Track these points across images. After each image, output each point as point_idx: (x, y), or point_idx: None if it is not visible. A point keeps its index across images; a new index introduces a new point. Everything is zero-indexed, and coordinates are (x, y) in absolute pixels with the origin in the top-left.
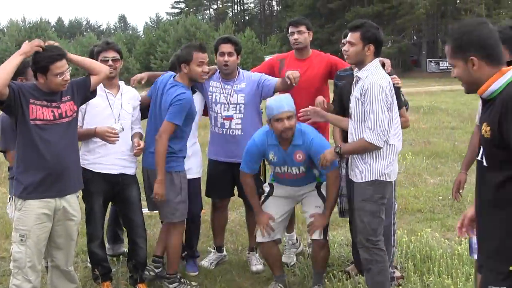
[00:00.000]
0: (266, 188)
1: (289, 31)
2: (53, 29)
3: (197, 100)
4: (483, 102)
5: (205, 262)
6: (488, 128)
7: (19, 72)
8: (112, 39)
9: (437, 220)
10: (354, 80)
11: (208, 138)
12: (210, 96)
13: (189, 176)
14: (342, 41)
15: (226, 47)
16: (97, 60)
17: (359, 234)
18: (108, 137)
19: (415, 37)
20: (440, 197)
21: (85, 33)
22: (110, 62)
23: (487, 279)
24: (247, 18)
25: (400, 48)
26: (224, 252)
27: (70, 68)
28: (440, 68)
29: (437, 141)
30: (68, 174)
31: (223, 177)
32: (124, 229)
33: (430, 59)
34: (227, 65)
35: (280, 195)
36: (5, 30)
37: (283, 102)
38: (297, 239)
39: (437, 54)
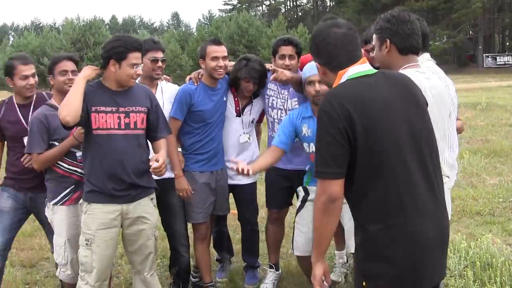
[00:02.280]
0: (301, 193)
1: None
2: (107, 27)
3: (257, 105)
4: None
5: (267, 285)
6: None
7: (49, 69)
8: (164, 37)
9: (497, 224)
10: None
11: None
12: (267, 100)
13: (241, 182)
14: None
15: (287, 49)
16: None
17: None
18: None
19: (471, 32)
20: (501, 199)
21: (138, 31)
22: (160, 63)
23: None
24: (299, 14)
25: (456, 43)
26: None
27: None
28: (497, 63)
29: (495, 139)
30: (134, 179)
31: (281, 185)
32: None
33: (486, 54)
34: (288, 69)
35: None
36: (60, 28)
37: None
38: (347, 259)
39: (494, 49)
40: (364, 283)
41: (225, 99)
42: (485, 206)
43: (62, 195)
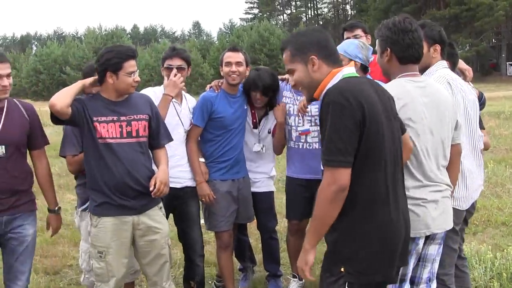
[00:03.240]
0: None
1: (344, 37)
2: (129, 36)
3: (272, 117)
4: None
5: None
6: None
7: (86, 75)
8: (185, 46)
9: None
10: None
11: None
12: None
13: (259, 190)
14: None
15: None
16: (162, 66)
17: None
18: None
19: (494, 40)
20: None
21: (159, 40)
22: (175, 71)
23: None
24: (320, 22)
25: (479, 52)
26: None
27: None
28: None
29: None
30: (140, 191)
31: (302, 195)
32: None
33: (510, 62)
34: None
35: None
36: (83, 37)
37: (343, 46)
38: None
39: None
40: (342, 269)
41: (245, 107)
42: (511, 216)
43: (84, 206)
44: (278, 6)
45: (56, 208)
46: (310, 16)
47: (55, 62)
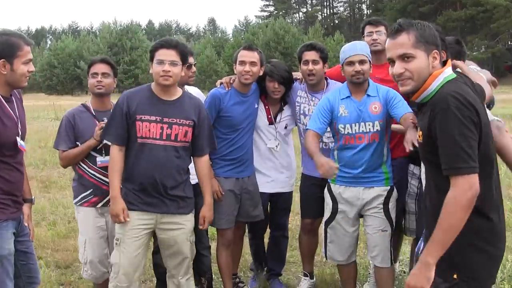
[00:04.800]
0: (328, 200)
1: (366, 31)
2: (144, 31)
3: (288, 111)
4: (417, 107)
5: None
6: (421, 133)
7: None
8: (201, 42)
9: None
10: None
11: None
12: (297, 107)
13: (282, 190)
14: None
15: (310, 55)
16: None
17: None
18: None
19: (509, 42)
20: None
21: (174, 36)
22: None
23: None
24: (336, 21)
25: (494, 54)
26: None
27: (177, 62)
28: None
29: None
30: (168, 193)
31: (316, 195)
32: None
33: None
34: (312, 74)
35: (344, 211)
36: (98, 32)
37: (356, 46)
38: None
39: None
40: (455, 275)
41: (256, 106)
42: None
43: (82, 195)
44: (294, 4)
45: (32, 197)
46: (325, 14)
47: (70, 57)
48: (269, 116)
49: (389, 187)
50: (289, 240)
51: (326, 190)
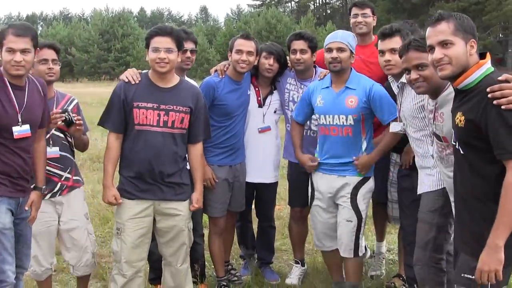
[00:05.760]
0: (310, 195)
1: (352, 13)
2: (135, 19)
3: (278, 96)
4: (456, 92)
5: (292, 280)
6: (463, 118)
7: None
8: (193, 30)
9: None
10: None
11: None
12: (286, 94)
13: (266, 181)
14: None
15: (298, 44)
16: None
17: (421, 249)
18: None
19: (501, 35)
20: None
21: (166, 24)
22: (189, 54)
23: (462, 266)
24: (328, 11)
25: (485, 46)
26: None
27: (172, 49)
28: None
29: None
30: (165, 180)
31: (304, 183)
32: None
33: None
34: (299, 63)
35: (319, 198)
36: (89, 19)
37: (338, 34)
38: (365, 247)
39: None
40: None
41: (248, 93)
42: None
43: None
44: None
45: (44, 186)
46: (318, 4)
47: (61, 43)
48: (259, 98)
49: (361, 178)
50: (280, 228)
51: (309, 177)
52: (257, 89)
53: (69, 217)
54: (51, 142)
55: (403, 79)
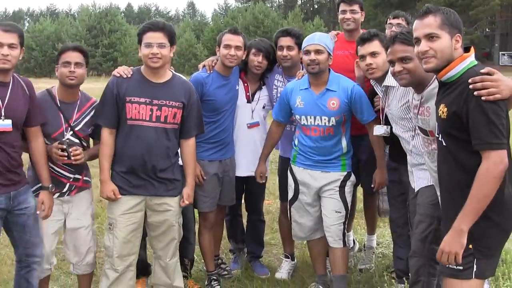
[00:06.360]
0: (291, 181)
1: (340, 8)
2: (123, 15)
3: (266, 92)
4: (440, 85)
5: (282, 274)
6: (445, 109)
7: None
8: (180, 26)
9: None
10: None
11: None
12: (275, 90)
13: (254, 174)
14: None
15: (285, 41)
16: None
17: (419, 242)
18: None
19: (487, 29)
20: None
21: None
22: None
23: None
24: (316, 6)
25: (472, 40)
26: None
27: (165, 44)
28: None
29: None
30: (157, 176)
31: None
32: None
33: (503, 52)
34: (286, 60)
35: (304, 192)
36: (76, 15)
37: (315, 36)
38: (354, 241)
39: (511, 47)
40: (470, 246)
41: (237, 88)
42: None
43: (39, 185)
44: None
45: (50, 185)
46: None
47: (48, 39)
48: (248, 94)
49: (345, 173)
50: (270, 223)
51: (288, 172)
52: (246, 84)
53: (75, 217)
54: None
55: (386, 82)
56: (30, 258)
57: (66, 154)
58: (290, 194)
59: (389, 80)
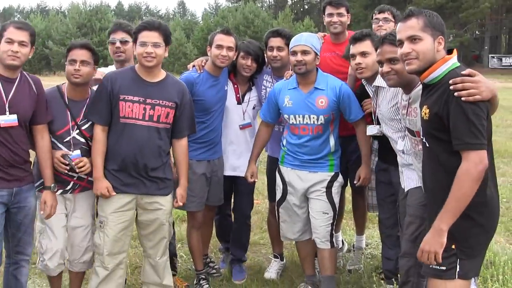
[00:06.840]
0: (279, 181)
1: (327, 12)
2: (113, 13)
3: (256, 93)
4: (423, 87)
5: (271, 274)
6: (428, 111)
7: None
8: (171, 25)
9: (500, 223)
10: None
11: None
12: (263, 91)
13: (242, 174)
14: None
15: (275, 41)
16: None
17: (410, 243)
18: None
19: (477, 32)
20: (504, 199)
21: (144, 18)
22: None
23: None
24: (306, 7)
25: (462, 43)
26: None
27: (160, 44)
28: (503, 64)
29: (499, 140)
30: (148, 174)
31: None
32: None
33: (492, 55)
34: (275, 60)
35: (292, 193)
36: (67, 12)
37: (302, 37)
38: (342, 241)
39: (500, 49)
40: (453, 246)
41: (226, 88)
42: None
43: (41, 181)
44: None
45: (52, 185)
46: (296, 0)
47: (38, 36)
48: (238, 95)
49: (333, 173)
50: (259, 222)
51: (277, 172)
52: (235, 86)
53: (76, 215)
54: (72, 146)
55: (376, 82)
56: (19, 255)
57: (68, 168)
58: (278, 195)
59: (380, 81)
